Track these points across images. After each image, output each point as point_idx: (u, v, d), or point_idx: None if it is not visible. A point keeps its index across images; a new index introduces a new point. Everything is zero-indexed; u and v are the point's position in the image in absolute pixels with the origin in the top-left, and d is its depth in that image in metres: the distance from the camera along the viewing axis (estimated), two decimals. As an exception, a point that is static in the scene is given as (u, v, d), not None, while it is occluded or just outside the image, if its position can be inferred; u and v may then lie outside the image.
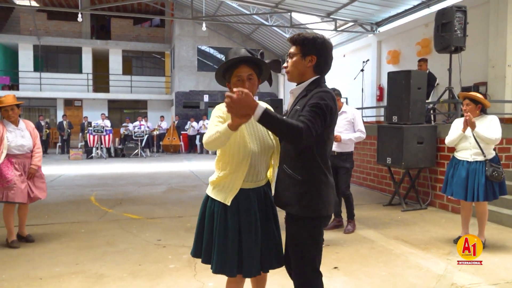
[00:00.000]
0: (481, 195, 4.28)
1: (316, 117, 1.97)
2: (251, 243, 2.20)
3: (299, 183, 2.10)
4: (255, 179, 2.26)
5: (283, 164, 2.20)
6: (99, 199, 7.17)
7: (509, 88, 8.43)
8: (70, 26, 21.56)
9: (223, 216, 2.22)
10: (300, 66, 2.17)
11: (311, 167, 2.11)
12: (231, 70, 2.21)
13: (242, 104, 1.79)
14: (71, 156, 14.93)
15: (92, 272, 3.71)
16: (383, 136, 6.65)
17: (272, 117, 1.86)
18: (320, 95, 2.05)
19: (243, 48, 2.26)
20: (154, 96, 22.14)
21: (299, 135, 1.89)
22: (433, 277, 3.63)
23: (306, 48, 2.15)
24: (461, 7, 6.90)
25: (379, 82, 13.00)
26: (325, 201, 2.12)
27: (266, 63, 2.25)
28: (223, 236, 2.20)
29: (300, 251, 2.15)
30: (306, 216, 2.11)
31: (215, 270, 2.23)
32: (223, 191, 2.24)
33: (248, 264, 2.20)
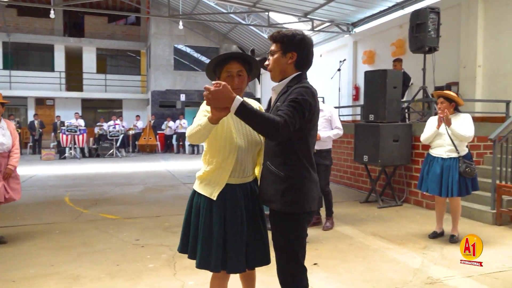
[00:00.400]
0: (455, 190, 4.40)
1: (293, 111, 1.98)
2: (236, 238, 2.19)
3: (282, 179, 2.11)
4: (241, 174, 2.26)
5: (266, 161, 2.21)
6: (74, 200, 7.00)
7: (479, 88, 8.71)
8: (42, 22, 20.94)
9: (208, 210, 2.21)
10: (281, 63, 2.19)
11: (294, 163, 2.12)
12: (222, 66, 2.22)
13: (219, 96, 1.81)
14: (43, 156, 14.52)
15: (68, 273, 3.61)
16: (360, 134, 6.75)
17: (249, 110, 1.86)
18: (299, 91, 2.06)
19: (235, 45, 2.27)
20: (129, 95, 21.78)
21: (276, 129, 1.90)
22: (410, 271, 3.71)
23: (286, 45, 2.17)
24: (434, 8, 7.08)
25: (355, 81, 13.20)
26: (308, 197, 2.13)
27: (256, 60, 2.28)
28: (208, 231, 2.20)
29: (285, 247, 2.17)
30: (289, 212, 2.12)
31: (199, 265, 2.21)
32: (209, 186, 2.24)
33: (233, 260, 2.19)
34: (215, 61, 2.23)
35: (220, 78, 2.23)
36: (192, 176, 10.07)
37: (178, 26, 16.76)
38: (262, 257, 2.30)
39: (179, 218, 5.70)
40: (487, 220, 5.39)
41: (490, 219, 5.37)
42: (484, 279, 3.51)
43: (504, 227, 5.23)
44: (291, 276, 2.18)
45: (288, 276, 2.19)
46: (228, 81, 2.16)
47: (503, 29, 8.24)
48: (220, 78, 2.24)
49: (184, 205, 2.46)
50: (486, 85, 8.63)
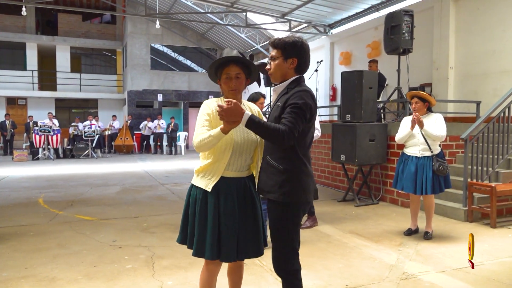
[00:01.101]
0: (429, 188, 4.53)
1: (296, 118, 2.19)
2: (229, 228, 2.32)
3: (281, 172, 2.29)
4: (236, 168, 2.40)
5: (266, 155, 2.37)
6: (48, 201, 6.83)
7: (451, 89, 8.98)
8: (13, 20, 20.34)
9: (204, 201, 2.36)
10: (283, 68, 2.37)
11: (292, 158, 2.29)
12: (222, 68, 2.39)
13: (231, 113, 2.07)
14: (15, 157, 14.12)
15: (43, 276, 3.53)
16: (337, 134, 6.85)
17: (257, 123, 2.12)
18: (300, 95, 2.26)
19: (236, 50, 2.45)
20: (105, 95, 21.40)
21: (282, 138, 2.14)
22: (386, 267, 3.80)
23: (287, 52, 2.35)
24: (408, 11, 7.24)
25: (332, 82, 13.37)
26: (305, 188, 2.32)
27: (254, 64, 2.44)
28: (203, 221, 2.35)
29: (282, 233, 2.33)
30: (287, 202, 2.29)
31: (195, 253, 2.36)
32: (205, 178, 2.39)
33: (225, 249, 2.32)
34: (216, 64, 2.40)
35: (220, 80, 2.42)
36: (171, 176, 10.06)
37: (155, 25, 16.55)
38: (254, 249, 2.42)
39: (157, 219, 5.67)
40: (460, 217, 5.56)
41: (462, 216, 5.54)
42: (457, 274, 3.62)
43: (475, 223, 5.41)
44: (286, 259, 2.34)
45: (282, 260, 2.35)
46: (227, 82, 2.37)
47: (473, 32, 8.52)
48: (220, 79, 2.42)
49: (162, 206, 2.52)
50: (458, 86, 8.91)
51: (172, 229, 5.06)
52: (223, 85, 2.39)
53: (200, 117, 2.35)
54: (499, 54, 8.00)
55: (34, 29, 21.06)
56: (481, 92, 8.31)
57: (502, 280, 3.50)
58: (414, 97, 4.66)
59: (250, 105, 2.58)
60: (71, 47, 21.24)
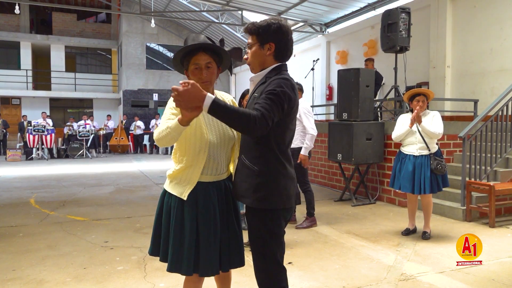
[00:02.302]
0: (427, 187, 4.45)
1: (272, 105, 1.87)
2: (209, 240, 2.08)
3: (256, 174, 2.01)
4: (214, 172, 2.15)
5: (241, 154, 2.11)
6: (40, 202, 6.71)
7: (448, 87, 8.92)
8: (7, 18, 20.16)
9: (180, 211, 2.09)
10: (260, 55, 2.09)
11: (269, 157, 2.02)
12: (189, 57, 2.09)
13: (189, 96, 1.70)
14: (8, 157, 13.95)
15: (31, 278, 3.43)
16: (333, 133, 6.77)
17: (223, 107, 1.75)
18: (278, 82, 1.97)
19: (203, 34, 2.15)
20: (100, 95, 21.23)
21: (253, 124, 1.79)
22: (384, 268, 3.71)
23: (262, 36, 2.06)
24: (405, 8, 7.18)
25: (329, 81, 13.30)
26: (283, 193, 2.03)
27: (226, 51, 2.15)
28: (179, 232, 2.08)
29: (260, 245, 2.06)
30: (262, 208, 2.02)
31: (170, 268, 2.10)
32: (180, 185, 2.12)
33: (205, 262, 2.08)
34: (182, 52, 2.09)
35: (188, 70, 2.12)
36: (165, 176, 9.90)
37: (150, 24, 16.46)
38: (237, 259, 2.19)
39: (151, 219, 5.53)
40: (458, 217, 5.49)
41: (460, 216, 5.47)
42: (456, 275, 3.54)
43: (473, 223, 5.34)
44: (269, 277, 2.07)
45: (265, 277, 2.07)
46: (196, 73, 2.07)
47: (470, 30, 8.46)
48: (188, 70, 2.11)
49: (156, 206, 2.36)
50: (455, 84, 8.85)
51: (166, 229, 4.95)
52: (192, 76, 2.08)
53: (166, 111, 2.07)
54: (496, 53, 7.94)
55: (28, 28, 20.88)
56: (478, 90, 8.25)
57: (502, 280, 3.42)
58: (418, 95, 4.54)
59: (223, 95, 2.27)
60: (65, 46, 21.06)
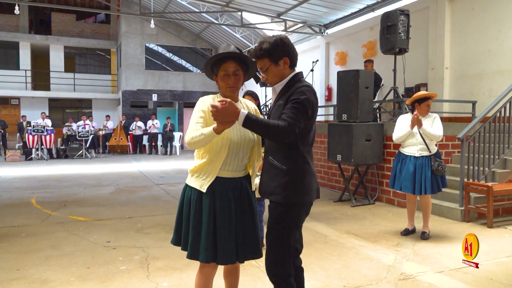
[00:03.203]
0: (428, 188, 4.51)
1: (297, 113, 2.11)
2: (226, 230, 2.25)
3: (284, 172, 2.22)
4: (232, 168, 2.31)
5: (268, 156, 2.31)
6: (41, 202, 6.74)
7: (447, 89, 8.99)
8: (6, 19, 20.15)
9: (198, 202, 2.28)
10: (278, 72, 2.29)
11: (295, 157, 2.23)
12: (219, 64, 2.28)
13: (226, 113, 1.96)
14: (8, 157, 13.97)
15: (35, 277, 3.46)
16: (333, 134, 6.82)
17: (254, 121, 2.02)
18: (302, 90, 2.18)
19: (233, 45, 2.35)
20: (99, 95, 21.23)
21: (281, 134, 2.05)
22: (384, 268, 3.76)
23: (275, 56, 2.26)
24: (404, 10, 7.22)
25: (328, 82, 13.36)
26: (308, 189, 2.26)
27: (252, 61, 2.34)
28: (197, 222, 2.26)
29: (281, 236, 2.27)
30: (290, 203, 2.23)
31: (189, 255, 2.28)
32: (200, 179, 2.30)
33: (222, 251, 2.24)
34: (213, 60, 2.29)
35: (217, 76, 2.32)
36: (165, 176, 9.98)
37: (149, 25, 16.49)
38: (253, 250, 2.34)
39: (152, 219, 5.60)
40: (456, 217, 5.54)
41: (458, 216, 5.52)
42: (455, 274, 3.59)
43: (472, 223, 5.39)
44: (281, 263, 2.28)
45: (277, 264, 2.29)
46: (224, 79, 2.27)
47: (469, 32, 8.53)
48: (217, 76, 2.31)
49: (157, 206, 2.45)
50: (453, 86, 8.92)
51: (167, 229, 4.99)
52: (220, 82, 2.29)
53: (195, 114, 2.27)
54: (495, 54, 8.01)
55: (27, 28, 20.87)
56: (476, 92, 8.32)
57: (500, 280, 3.47)
58: (425, 99, 4.57)
59: (247, 102, 2.49)
60: (64, 46, 21.06)
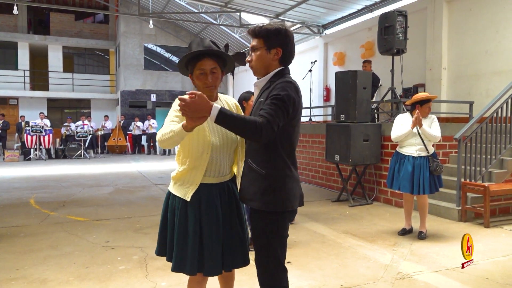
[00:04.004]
0: (426, 188, 4.54)
1: (277, 110, 1.91)
2: (212, 240, 2.13)
3: (263, 177, 2.04)
4: (217, 173, 2.19)
5: (248, 158, 2.14)
6: (40, 202, 6.75)
7: (444, 89, 9.02)
8: (5, 19, 20.15)
9: (183, 211, 2.15)
10: (265, 59, 2.10)
11: (275, 161, 2.05)
12: (194, 62, 2.12)
13: (196, 108, 1.76)
14: (6, 157, 13.97)
15: (35, 277, 3.48)
16: (331, 134, 6.84)
17: (229, 116, 1.81)
18: (282, 86, 1.99)
19: (208, 39, 2.18)
20: (98, 95, 21.24)
21: (258, 132, 1.84)
22: (381, 267, 3.79)
23: (270, 41, 2.07)
24: (402, 11, 7.26)
25: (326, 82, 13.38)
26: (290, 195, 2.07)
27: (230, 57, 2.18)
28: (183, 233, 2.13)
29: (265, 246, 2.10)
30: (270, 211, 2.06)
31: (174, 268, 2.15)
32: (183, 187, 2.17)
33: (209, 262, 2.13)
34: (187, 58, 2.12)
35: (193, 75, 2.16)
36: (164, 177, 9.99)
37: (148, 25, 16.49)
38: (240, 258, 2.23)
39: (151, 219, 5.62)
40: (453, 217, 5.57)
41: (455, 216, 5.55)
42: (451, 274, 3.62)
43: (468, 223, 5.42)
44: (272, 276, 2.12)
45: (268, 277, 2.12)
46: (201, 78, 2.11)
47: (466, 33, 8.56)
48: (192, 74, 2.16)
49: (156, 206, 2.43)
50: (451, 86, 8.95)
51: (166, 229, 5.00)
52: (196, 81, 2.13)
53: (170, 113, 2.11)
54: (492, 55, 8.04)
55: (26, 28, 20.86)
56: (473, 92, 8.35)
57: (496, 279, 3.50)
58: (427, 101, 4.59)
59: (226, 98, 2.32)
60: (63, 46, 21.06)
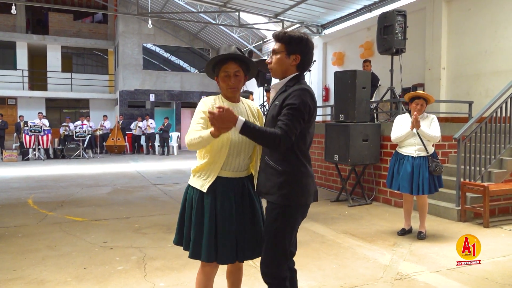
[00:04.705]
0: (425, 188, 4.53)
1: (293, 120, 2.10)
2: (226, 229, 2.27)
3: (280, 173, 2.20)
4: (234, 168, 2.33)
5: (265, 156, 2.29)
6: (38, 202, 6.73)
7: (443, 89, 9.02)
8: (3, 18, 20.09)
9: (200, 202, 2.30)
10: (284, 63, 2.27)
11: (291, 159, 2.21)
12: (220, 65, 2.30)
13: (223, 120, 1.97)
14: (5, 157, 13.94)
15: (32, 278, 3.46)
16: (330, 134, 6.83)
17: (252, 129, 2.05)
18: (298, 94, 2.16)
19: (234, 46, 2.37)
20: (96, 95, 21.21)
21: (277, 143, 2.07)
22: (380, 267, 3.77)
23: (291, 47, 2.24)
24: (401, 11, 7.25)
25: (325, 82, 13.38)
26: (304, 191, 2.24)
27: (253, 62, 2.37)
28: (199, 222, 2.29)
29: (276, 237, 2.24)
30: (285, 204, 2.21)
31: (191, 255, 2.30)
32: (201, 179, 2.33)
33: (223, 251, 2.26)
34: (214, 61, 2.31)
35: (218, 77, 2.34)
36: (163, 177, 9.97)
37: (147, 25, 16.48)
38: (253, 251, 2.35)
39: (149, 220, 5.60)
40: (452, 217, 5.56)
41: (455, 216, 5.54)
42: (451, 274, 3.61)
43: (468, 223, 5.41)
44: (276, 266, 2.26)
45: (273, 267, 2.26)
46: (225, 80, 2.29)
47: (465, 33, 8.56)
48: (218, 76, 2.34)
49: (154, 206, 2.46)
50: (450, 86, 8.95)
51: (164, 230, 5.00)
52: (221, 83, 2.32)
53: (196, 114, 2.30)
54: (491, 55, 8.04)
55: (24, 28, 20.82)
56: (473, 92, 8.35)
57: (495, 279, 3.49)
58: (417, 98, 4.60)
59: (249, 103, 2.48)
60: (62, 46, 21.02)
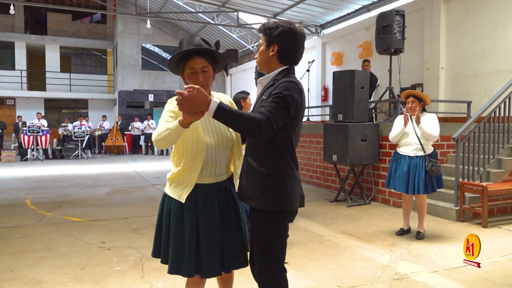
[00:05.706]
0: (421, 188, 4.52)
1: (277, 108, 1.89)
2: (210, 241, 2.08)
3: (264, 176, 2.02)
4: (213, 173, 2.15)
5: (248, 156, 2.11)
6: (36, 202, 6.71)
7: (442, 89, 9.01)
8: (2, 19, 20.06)
9: (179, 213, 2.11)
10: (264, 55, 2.11)
11: (276, 160, 2.03)
12: (185, 61, 2.08)
13: (194, 102, 1.71)
14: (3, 158, 13.91)
15: (29, 278, 3.45)
16: (329, 134, 6.82)
17: (227, 111, 1.77)
18: (285, 85, 1.97)
19: (198, 37, 2.14)
20: (95, 95, 21.20)
21: (257, 128, 1.81)
22: (379, 268, 3.77)
23: (269, 37, 2.09)
24: (399, 11, 7.25)
25: (324, 82, 13.37)
26: (290, 195, 2.04)
27: (221, 54, 2.15)
28: (179, 234, 2.09)
29: (265, 247, 2.06)
30: (270, 210, 2.03)
31: (171, 270, 2.10)
32: (178, 188, 2.13)
33: (206, 263, 2.08)
34: (177, 57, 2.09)
35: (184, 74, 2.11)
36: (161, 177, 9.96)
37: (146, 25, 16.47)
38: (239, 259, 2.19)
39: (147, 220, 5.59)
40: (451, 217, 5.56)
41: (453, 216, 5.54)
42: (449, 274, 3.60)
43: (467, 223, 5.41)
44: (271, 277, 2.08)
45: (267, 278, 2.08)
46: (192, 78, 2.07)
47: (464, 32, 8.55)
48: (183, 73, 2.11)
49: (153, 206, 2.41)
50: (449, 86, 8.94)
51: (162, 230, 4.98)
52: (187, 80, 2.07)
53: (164, 113, 2.07)
54: (490, 55, 8.04)
55: (23, 28, 20.79)
56: (471, 92, 8.35)
57: (494, 279, 3.49)
58: (409, 96, 4.63)
59: (220, 96, 2.28)
60: (60, 46, 21.00)
